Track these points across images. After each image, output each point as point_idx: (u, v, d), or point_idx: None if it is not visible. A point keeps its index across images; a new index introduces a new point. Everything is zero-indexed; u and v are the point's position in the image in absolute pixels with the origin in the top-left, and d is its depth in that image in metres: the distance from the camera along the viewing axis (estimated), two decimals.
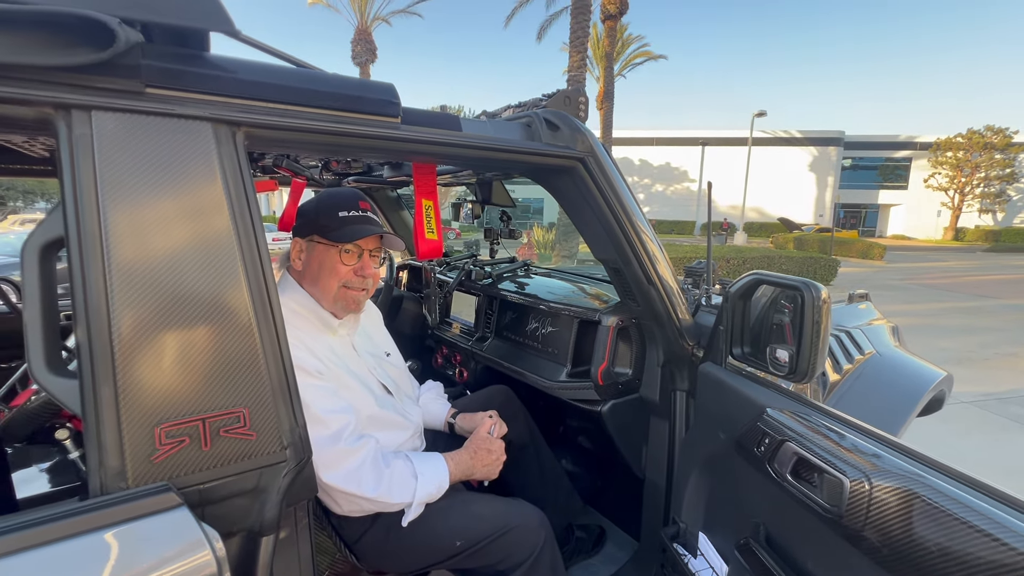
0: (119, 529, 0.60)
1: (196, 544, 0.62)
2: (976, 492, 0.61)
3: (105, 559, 0.58)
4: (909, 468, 0.69)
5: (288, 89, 0.75)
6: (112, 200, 0.63)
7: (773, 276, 1.07)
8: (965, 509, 0.59)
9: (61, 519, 0.58)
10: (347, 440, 1.03)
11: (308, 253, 1.17)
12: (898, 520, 0.65)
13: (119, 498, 0.61)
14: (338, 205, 1.15)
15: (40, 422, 0.93)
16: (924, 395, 1.49)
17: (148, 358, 0.64)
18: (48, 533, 0.57)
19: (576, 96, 1.27)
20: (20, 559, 0.55)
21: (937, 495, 0.62)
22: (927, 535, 0.62)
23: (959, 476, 0.65)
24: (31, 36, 0.56)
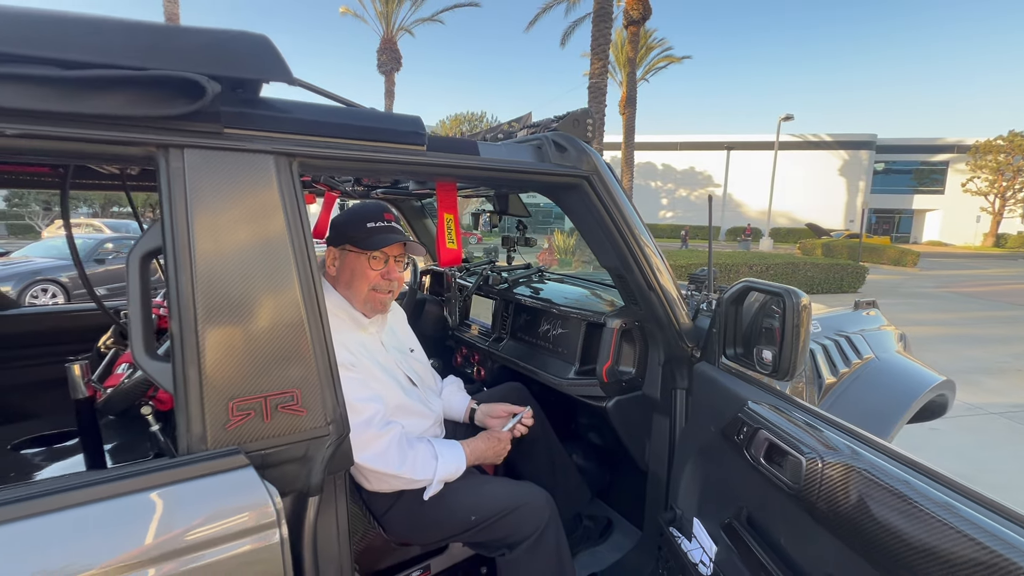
0: (202, 481, 0.75)
1: (261, 498, 0.77)
2: (900, 464, 0.72)
3: (192, 504, 0.74)
4: (852, 447, 0.79)
5: (332, 125, 0.91)
6: (198, 218, 0.79)
7: (761, 283, 1.18)
8: (890, 478, 0.69)
9: (159, 471, 0.74)
10: (377, 425, 1.18)
11: (341, 260, 1.33)
12: (841, 491, 0.76)
13: (201, 456, 0.77)
14: (366, 217, 1.31)
15: (132, 399, 1.11)
16: (918, 398, 1.56)
17: (224, 346, 0.80)
18: (149, 481, 0.72)
19: (584, 118, 1.41)
20: (129, 499, 0.71)
21: (869, 467, 0.73)
22: (861, 502, 0.72)
23: (888, 451, 0.75)
24: (144, 93, 0.73)
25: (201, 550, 0.71)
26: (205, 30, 0.79)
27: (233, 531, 0.74)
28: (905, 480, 0.69)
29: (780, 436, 0.91)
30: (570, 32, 19.72)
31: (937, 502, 0.64)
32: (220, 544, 0.73)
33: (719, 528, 1.12)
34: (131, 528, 0.69)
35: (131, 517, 0.70)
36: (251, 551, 0.75)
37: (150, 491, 0.71)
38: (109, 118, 0.71)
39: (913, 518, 0.65)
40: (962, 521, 0.61)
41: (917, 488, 0.67)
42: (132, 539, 0.68)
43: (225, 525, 0.74)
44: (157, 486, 0.72)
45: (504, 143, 1.23)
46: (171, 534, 0.70)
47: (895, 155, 37.50)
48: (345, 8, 21.87)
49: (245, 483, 0.78)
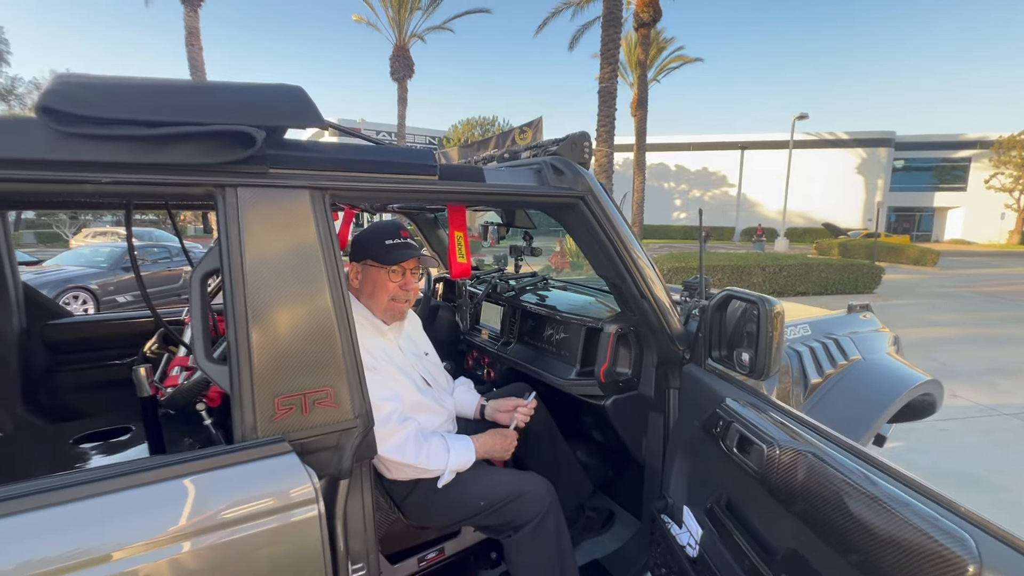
0: (255, 464, 0.91)
1: (303, 478, 0.93)
2: (841, 450, 0.84)
3: (246, 483, 0.89)
4: (802, 435, 0.92)
5: (358, 162, 1.06)
6: (249, 244, 0.95)
7: (741, 292, 1.30)
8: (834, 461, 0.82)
9: (218, 455, 0.89)
10: (395, 421, 1.33)
11: (363, 274, 1.48)
12: (792, 473, 0.88)
13: (253, 444, 0.92)
14: (384, 235, 1.47)
15: (191, 397, 1.28)
16: (899, 397, 1.66)
17: (270, 351, 0.95)
18: (210, 463, 0.88)
19: (581, 141, 1.54)
20: (194, 479, 0.86)
21: (813, 451, 0.85)
22: (808, 483, 0.84)
23: (830, 436, 0.87)
24: (206, 144, 0.89)
25: (257, 519, 0.87)
26: (252, 87, 0.95)
27: (282, 505, 0.89)
28: (842, 461, 0.81)
29: (748, 428, 1.03)
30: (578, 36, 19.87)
31: (857, 474, 0.77)
32: (271, 515, 0.88)
33: (703, 513, 1.24)
34: (202, 500, 0.85)
35: (202, 492, 0.86)
36: (296, 522, 0.90)
37: (216, 471, 0.87)
38: (180, 166, 0.87)
39: (844, 493, 0.77)
40: (882, 494, 0.73)
41: (847, 467, 0.79)
42: (203, 508, 0.84)
43: (275, 500, 0.89)
44: (222, 467, 0.88)
45: (507, 168, 1.37)
46: (234, 506, 0.86)
47: (915, 152, 36.82)
48: (358, 16, 22.30)
49: (289, 466, 0.93)
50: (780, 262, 11.02)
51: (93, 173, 0.82)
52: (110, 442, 1.55)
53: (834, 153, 35.73)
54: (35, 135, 0.78)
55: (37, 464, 1.46)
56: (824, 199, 35.57)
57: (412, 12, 21.70)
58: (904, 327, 7.62)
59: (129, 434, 1.59)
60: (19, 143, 0.77)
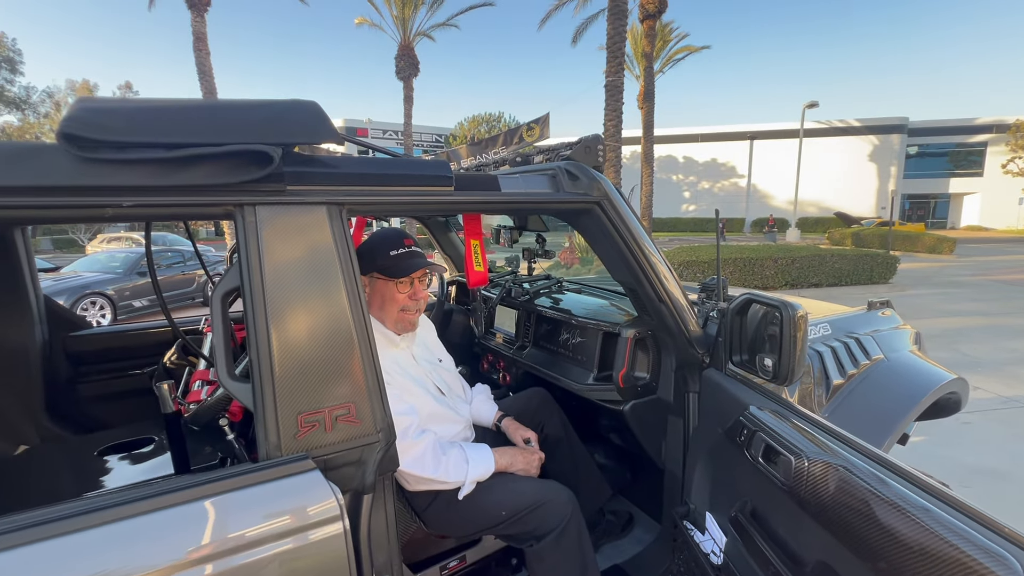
0: (279, 483, 0.91)
1: (327, 496, 0.93)
2: (872, 462, 0.82)
3: (272, 502, 0.90)
4: (832, 447, 0.90)
5: (374, 176, 1.06)
6: (268, 262, 0.95)
7: (762, 296, 1.28)
8: (866, 475, 0.80)
9: (244, 474, 0.90)
10: (412, 435, 1.32)
11: (371, 287, 1.46)
12: (822, 486, 0.86)
13: (277, 462, 0.93)
14: (388, 246, 1.43)
15: (214, 413, 1.29)
16: (924, 397, 1.62)
17: (293, 368, 0.95)
18: (236, 483, 0.89)
19: (595, 144, 1.52)
20: (221, 499, 0.87)
21: (845, 464, 0.83)
22: (840, 496, 0.83)
23: (861, 448, 0.85)
24: (224, 164, 0.88)
25: (284, 538, 0.87)
26: (267, 104, 0.95)
27: (307, 523, 0.90)
28: (872, 475, 0.79)
29: (775, 438, 1.02)
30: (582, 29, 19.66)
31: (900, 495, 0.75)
32: (297, 533, 0.89)
33: (727, 521, 1.23)
34: (229, 521, 0.85)
35: (228, 512, 0.86)
36: (322, 539, 0.90)
37: (242, 490, 0.88)
38: (199, 187, 0.87)
39: (879, 507, 0.75)
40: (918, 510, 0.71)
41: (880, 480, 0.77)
42: (229, 529, 0.85)
43: (301, 517, 0.89)
44: (247, 486, 0.88)
45: (521, 175, 1.36)
46: (260, 526, 0.86)
47: (928, 138, 36.10)
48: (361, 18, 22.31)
49: (314, 483, 0.93)
50: (792, 254, 10.88)
51: (115, 197, 0.82)
52: (134, 453, 1.57)
53: (846, 141, 35.15)
54: (57, 162, 0.78)
55: (64, 476, 1.48)
56: (836, 188, 35.04)
57: (416, 9, 21.66)
58: (922, 318, 7.50)
59: (152, 444, 1.61)
60: (42, 170, 0.77)
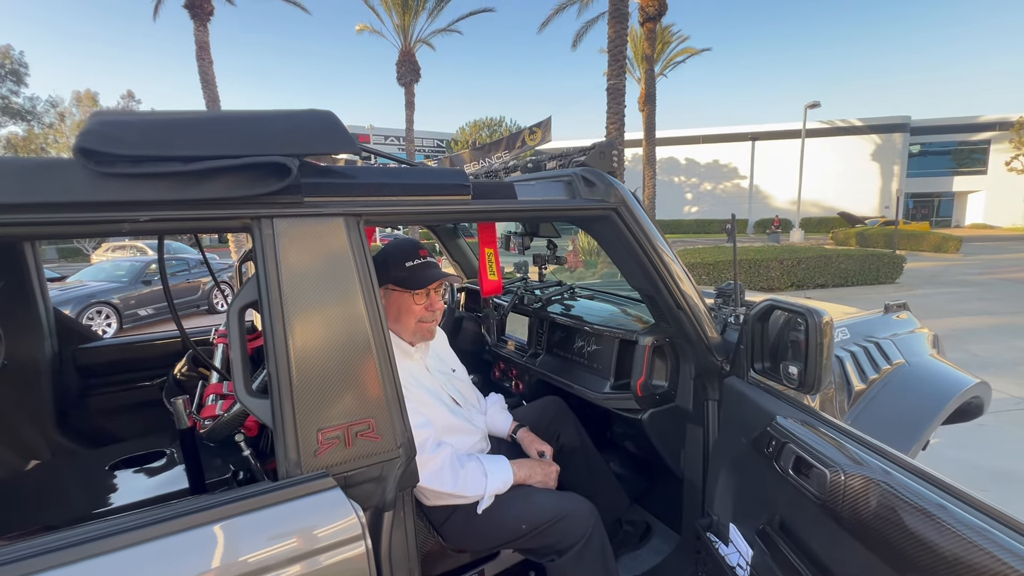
0: (300, 502, 0.89)
1: (347, 514, 0.90)
2: (915, 477, 0.79)
3: (292, 521, 0.87)
4: (870, 460, 0.87)
5: (391, 185, 1.04)
6: (286, 275, 0.93)
7: (785, 302, 1.26)
8: (907, 491, 0.77)
9: (264, 493, 0.87)
10: (429, 449, 1.29)
11: (386, 299, 1.43)
12: (862, 501, 0.84)
13: (298, 480, 0.90)
14: (404, 256, 1.41)
15: (231, 430, 1.27)
16: (949, 403, 1.59)
17: (312, 383, 0.93)
18: (256, 503, 0.86)
19: (609, 150, 1.50)
20: (241, 520, 0.85)
21: (886, 479, 0.80)
22: (880, 511, 0.80)
23: (902, 463, 0.82)
24: (241, 177, 0.87)
25: (306, 558, 0.85)
26: (283, 115, 0.93)
27: (330, 543, 0.87)
28: (917, 491, 0.76)
29: (806, 450, 0.99)
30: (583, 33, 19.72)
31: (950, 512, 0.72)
32: (320, 554, 0.86)
33: (754, 533, 1.20)
34: (249, 542, 0.83)
35: (248, 533, 0.84)
36: (345, 559, 0.88)
37: (262, 511, 0.85)
38: (216, 200, 0.86)
39: (926, 525, 0.73)
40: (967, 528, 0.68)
41: (928, 498, 0.75)
42: (250, 551, 0.82)
43: (323, 537, 0.87)
44: (267, 506, 0.86)
45: (538, 182, 1.34)
46: (283, 545, 0.84)
47: (931, 136, 35.98)
48: (362, 25, 22.41)
49: (335, 501, 0.91)
50: (798, 255, 10.83)
51: (132, 212, 0.81)
52: (146, 467, 1.55)
53: (848, 141, 35.08)
54: (74, 177, 0.77)
55: (76, 492, 1.46)
56: (839, 188, 34.94)
57: (417, 17, 21.75)
58: (931, 318, 7.44)
59: (164, 458, 1.59)
60: (59, 186, 0.76)
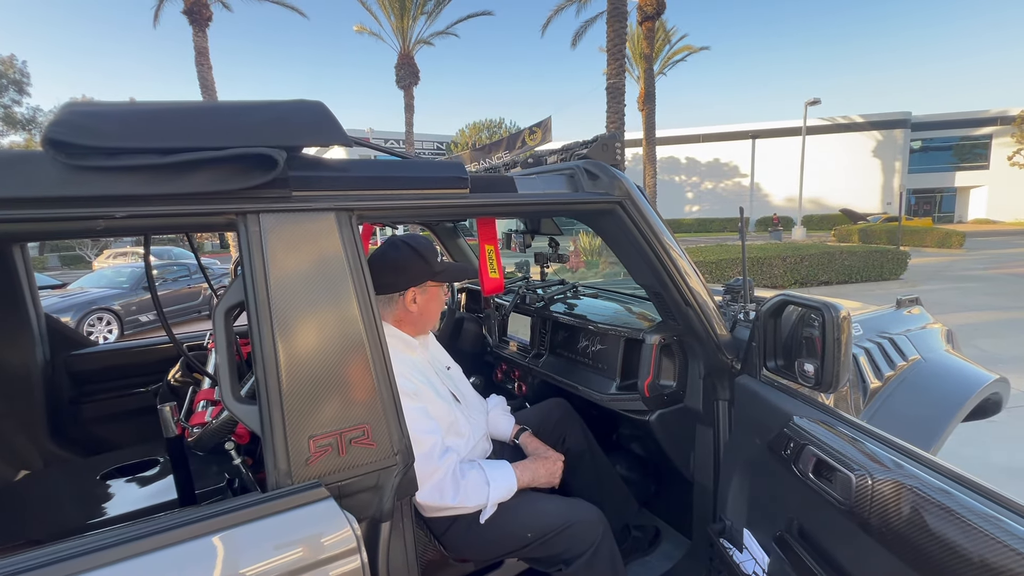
0: (290, 514, 0.83)
1: (341, 526, 0.85)
2: (951, 481, 0.74)
3: (283, 534, 0.82)
4: (900, 463, 0.81)
5: (385, 179, 0.99)
6: (274, 274, 0.87)
7: (799, 297, 1.20)
8: (944, 495, 0.72)
9: (252, 505, 0.82)
10: (436, 458, 1.23)
11: (424, 295, 1.40)
12: (893, 508, 0.78)
13: (288, 491, 0.85)
14: (434, 253, 1.42)
15: (220, 438, 1.21)
16: (968, 399, 1.53)
17: (303, 388, 0.88)
18: (244, 516, 0.81)
19: (612, 143, 1.45)
20: (227, 534, 0.79)
21: (920, 485, 0.75)
22: (913, 519, 0.74)
23: (937, 467, 0.77)
24: (225, 169, 0.82)
25: (298, 575, 0.80)
26: (270, 104, 0.88)
27: (322, 556, 0.82)
28: (953, 495, 0.71)
29: (828, 452, 0.93)
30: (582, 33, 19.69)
31: (986, 517, 0.66)
32: (312, 569, 0.81)
33: (771, 540, 1.14)
34: (237, 558, 0.78)
35: (236, 548, 0.79)
36: (340, 575, 0.83)
37: (251, 524, 0.80)
38: (198, 195, 0.81)
39: (964, 534, 0.67)
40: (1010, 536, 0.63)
41: (966, 504, 0.69)
42: (241, 565, 0.77)
43: (315, 551, 0.82)
44: (256, 519, 0.80)
45: (539, 175, 1.29)
46: (273, 560, 0.79)
47: (932, 132, 35.84)
48: (360, 26, 22.40)
49: (327, 513, 0.86)
50: (801, 252, 10.76)
51: (107, 208, 0.76)
52: (138, 476, 1.50)
53: (848, 137, 34.96)
54: (42, 170, 0.72)
55: (67, 503, 1.41)
56: (840, 185, 34.80)
57: (416, 19, 21.74)
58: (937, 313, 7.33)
59: (158, 467, 1.54)
60: (25, 180, 0.71)
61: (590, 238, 15.20)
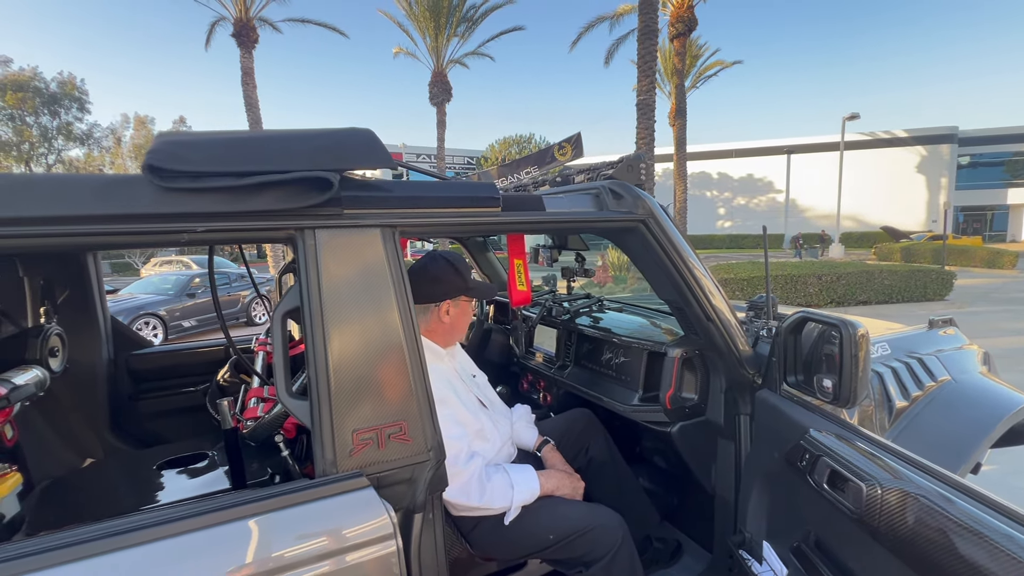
0: (336, 499, 0.92)
1: (380, 513, 0.94)
2: (954, 490, 0.76)
3: (328, 517, 0.91)
4: (906, 473, 0.84)
5: (425, 199, 1.09)
6: (326, 283, 0.98)
7: (818, 314, 1.23)
8: (947, 503, 0.75)
9: (303, 490, 0.92)
10: (462, 461, 1.31)
11: (457, 308, 1.50)
12: (899, 516, 0.81)
13: (334, 479, 0.94)
14: (468, 270, 1.51)
15: (272, 430, 1.33)
16: (1001, 422, 1.51)
17: (348, 386, 0.97)
18: (295, 499, 0.90)
19: (637, 163, 1.52)
20: (280, 514, 0.89)
21: (923, 493, 0.78)
22: (918, 527, 0.77)
23: (941, 476, 0.80)
24: (288, 190, 0.93)
25: (340, 554, 0.88)
26: (326, 133, 1.00)
27: (363, 540, 0.90)
28: (959, 506, 0.74)
29: (841, 463, 0.96)
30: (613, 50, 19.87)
31: (991, 527, 0.69)
32: (353, 551, 0.89)
33: (788, 551, 1.16)
34: (287, 536, 0.87)
35: (286, 528, 0.88)
36: (377, 558, 0.91)
37: (300, 506, 0.89)
38: (265, 212, 0.92)
39: (968, 542, 0.70)
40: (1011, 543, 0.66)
41: (971, 514, 0.72)
42: (290, 543, 0.86)
43: (357, 534, 0.90)
44: (306, 502, 0.90)
45: (566, 194, 1.37)
46: (318, 540, 0.88)
47: (981, 147, 34.33)
48: (399, 48, 23.21)
49: (368, 501, 0.94)
50: (838, 270, 10.45)
51: (190, 223, 0.88)
52: (190, 468, 1.63)
53: (890, 153, 33.84)
54: (141, 191, 0.84)
55: (128, 489, 1.55)
56: (881, 201, 33.63)
57: (449, 40, 22.39)
58: (984, 336, 7.02)
59: (206, 460, 1.67)
60: (128, 199, 0.83)
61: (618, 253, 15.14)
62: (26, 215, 0.78)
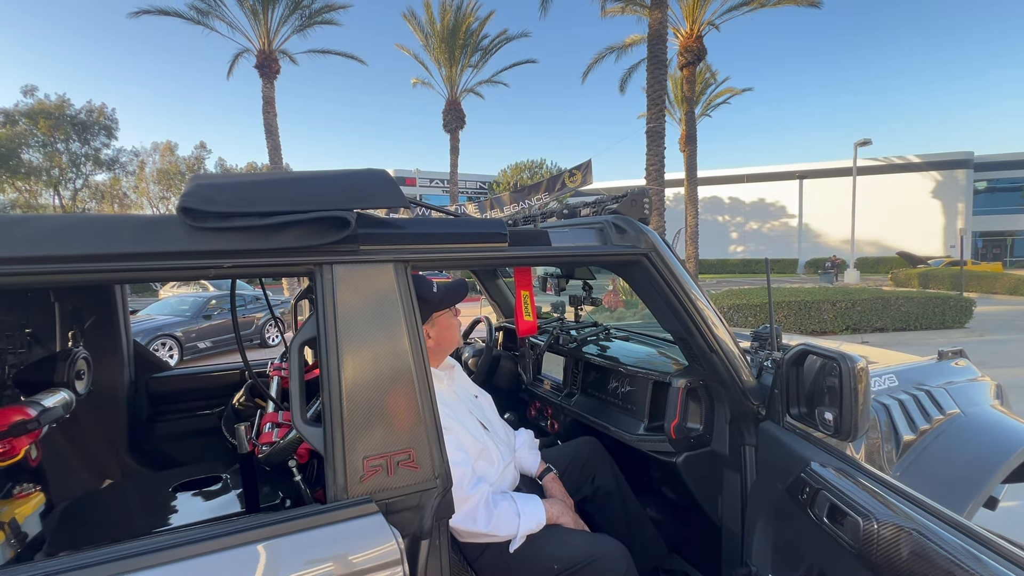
0: (345, 524, 0.96)
1: (388, 539, 0.97)
2: (949, 528, 0.77)
3: (338, 542, 0.94)
4: (903, 509, 0.86)
5: (436, 235, 1.15)
6: (341, 314, 1.04)
7: (818, 348, 1.26)
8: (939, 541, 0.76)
9: (314, 515, 0.95)
10: (467, 488, 1.34)
11: (436, 328, 1.53)
12: (894, 550, 0.82)
13: (344, 504, 0.98)
14: (427, 283, 1.51)
15: (286, 455, 1.38)
16: (1012, 457, 1.49)
17: (361, 414, 1.02)
18: (306, 523, 0.94)
19: (641, 198, 1.58)
20: (290, 539, 0.92)
21: (917, 528, 0.79)
22: (915, 565, 0.78)
23: (936, 512, 0.81)
24: (308, 229, 1.00)
25: None
26: (344, 174, 1.07)
27: (371, 566, 0.93)
28: (950, 542, 0.75)
29: (840, 497, 0.98)
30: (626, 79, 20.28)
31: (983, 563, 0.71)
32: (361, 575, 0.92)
33: None
34: (299, 559, 0.90)
35: (296, 552, 0.92)
36: None
37: (311, 531, 0.93)
38: (287, 249, 0.99)
39: None
40: None
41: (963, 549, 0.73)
42: (299, 567, 0.89)
43: (365, 560, 0.93)
44: (316, 527, 0.93)
45: (571, 228, 1.43)
46: (327, 565, 0.91)
47: (998, 172, 34.02)
48: (416, 79, 23.98)
49: (376, 526, 0.97)
50: (852, 296, 10.31)
51: (218, 259, 0.94)
52: (205, 491, 1.67)
53: (905, 178, 33.68)
54: (175, 231, 0.92)
55: (145, 510, 1.59)
56: (896, 226, 33.32)
57: (463, 70, 23.07)
58: (1006, 366, 6.86)
59: (220, 483, 1.71)
60: (164, 238, 0.91)
61: None
62: (73, 253, 0.85)
